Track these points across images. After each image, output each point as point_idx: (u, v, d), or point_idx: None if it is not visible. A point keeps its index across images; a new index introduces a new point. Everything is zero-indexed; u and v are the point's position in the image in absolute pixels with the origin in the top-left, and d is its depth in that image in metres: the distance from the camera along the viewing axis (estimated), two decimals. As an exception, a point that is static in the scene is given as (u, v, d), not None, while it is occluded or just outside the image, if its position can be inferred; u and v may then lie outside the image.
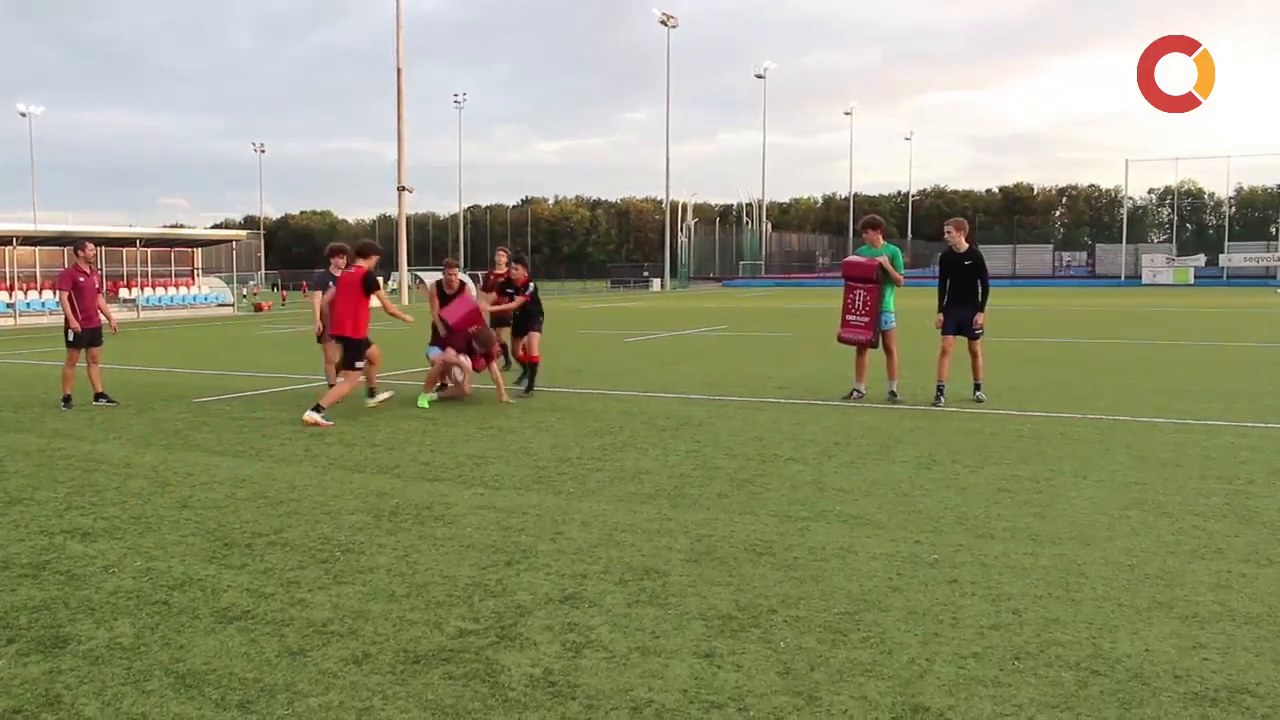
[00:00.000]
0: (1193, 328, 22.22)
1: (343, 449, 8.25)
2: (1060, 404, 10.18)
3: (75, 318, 11.09)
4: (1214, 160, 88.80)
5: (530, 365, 11.60)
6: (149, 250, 40.43)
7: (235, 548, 5.31)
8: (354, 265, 10.24)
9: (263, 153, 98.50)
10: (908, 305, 13.25)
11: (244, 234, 55.29)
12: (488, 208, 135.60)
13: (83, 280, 11.27)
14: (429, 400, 10.80)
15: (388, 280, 61.75)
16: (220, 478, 7.15)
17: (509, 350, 12.70)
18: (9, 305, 33.86)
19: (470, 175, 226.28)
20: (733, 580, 4.63)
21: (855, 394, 10.70)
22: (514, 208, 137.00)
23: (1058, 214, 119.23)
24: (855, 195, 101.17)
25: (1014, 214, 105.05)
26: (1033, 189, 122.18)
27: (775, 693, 3.41)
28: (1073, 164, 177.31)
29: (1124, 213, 73.86)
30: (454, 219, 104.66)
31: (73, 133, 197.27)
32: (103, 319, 11.50)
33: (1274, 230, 78.67)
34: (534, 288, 11.85)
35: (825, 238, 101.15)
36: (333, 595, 4.50)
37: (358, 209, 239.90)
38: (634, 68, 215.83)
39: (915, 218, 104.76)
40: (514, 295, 11.95)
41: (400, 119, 40.19)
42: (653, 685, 3.48)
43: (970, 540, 5.24)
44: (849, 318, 10.71)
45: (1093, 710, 3.24)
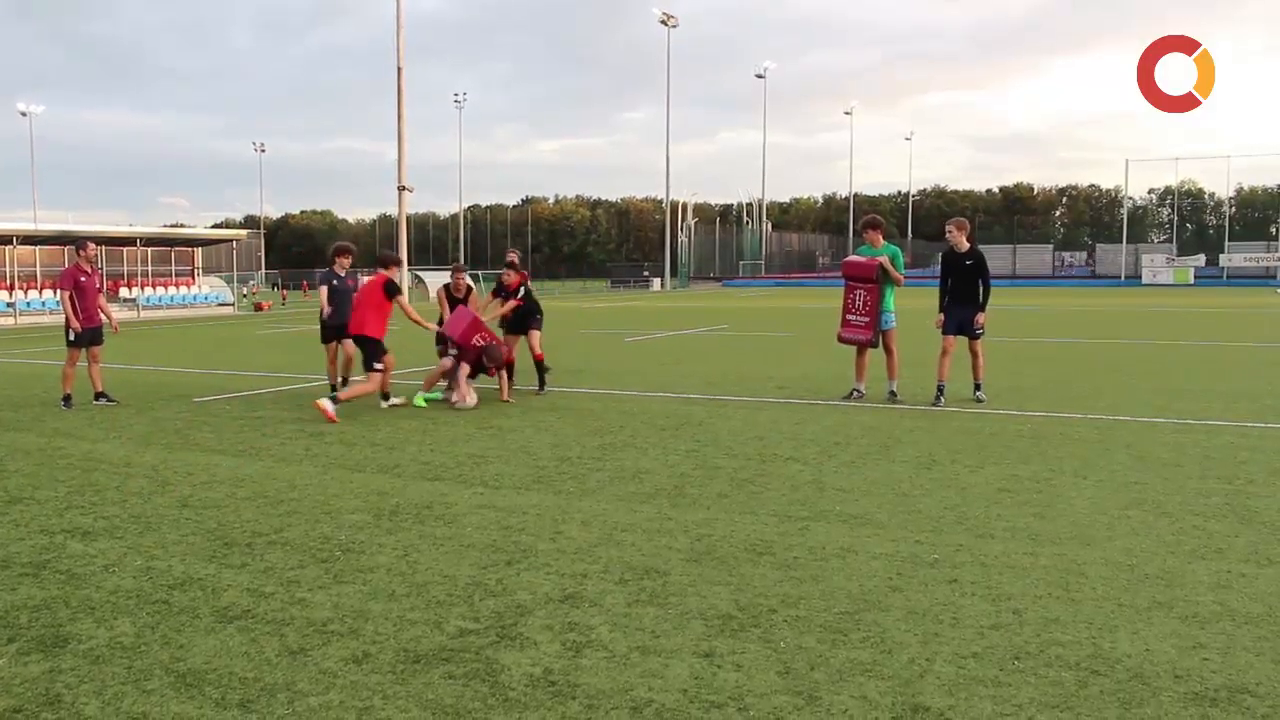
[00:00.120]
0: (1193, 328, 22.22)
1: (343, 448, 8.25)
2: (1060, 404, 10.18)
3: (76, 317, 11.09)
4: (1214, 160, 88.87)
5: (538, 364, 11.68)
6: (149, 250, 40.44)
7: (235, 547, 5.31)
8: (376, 273, 10.78)
9: (263, 152, 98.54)
10: (908, 305, 13.25)
11: (244, 233, 55.32)
12: (488, 207, 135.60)
13: (84, 280, 11.27)
14: (425, 399, 10.84)
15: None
16: (220, 477, 7.16)
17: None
18: (9, 304, 33.86)
19: (470, 175, 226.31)
20: (733, 580, 4.63)
21: (855, 394, 10.71)
22: (514, 207, 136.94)
23: (1058, 214, 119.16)
24: (855, 195, 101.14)
25: (1014, 214, 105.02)
26: (1033, 189, 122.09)
27: (775, 692, 3.41)
28: (1073, 164, 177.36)
29: (1124, 213, 73.87)
30: (454, 219, 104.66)
31: (73, 132, 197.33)
32: (103, 318, 11.50)
33: (1274, 230, 78.69)
34: (526, 291, 11.89)
35: (825, 238, 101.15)
36: (333, 595, 4.50)
37: (358, 209, 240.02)
38: (634, 67, 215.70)
39: (915, 218, 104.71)
40: (507, 299, 11.95)
41: (400, 118, 40.16)
42: (653, 685, 3.48)
43: (970, 540, 5.24)
44: (849, 317, 10.71)
45: (1093, 710, 3.24)
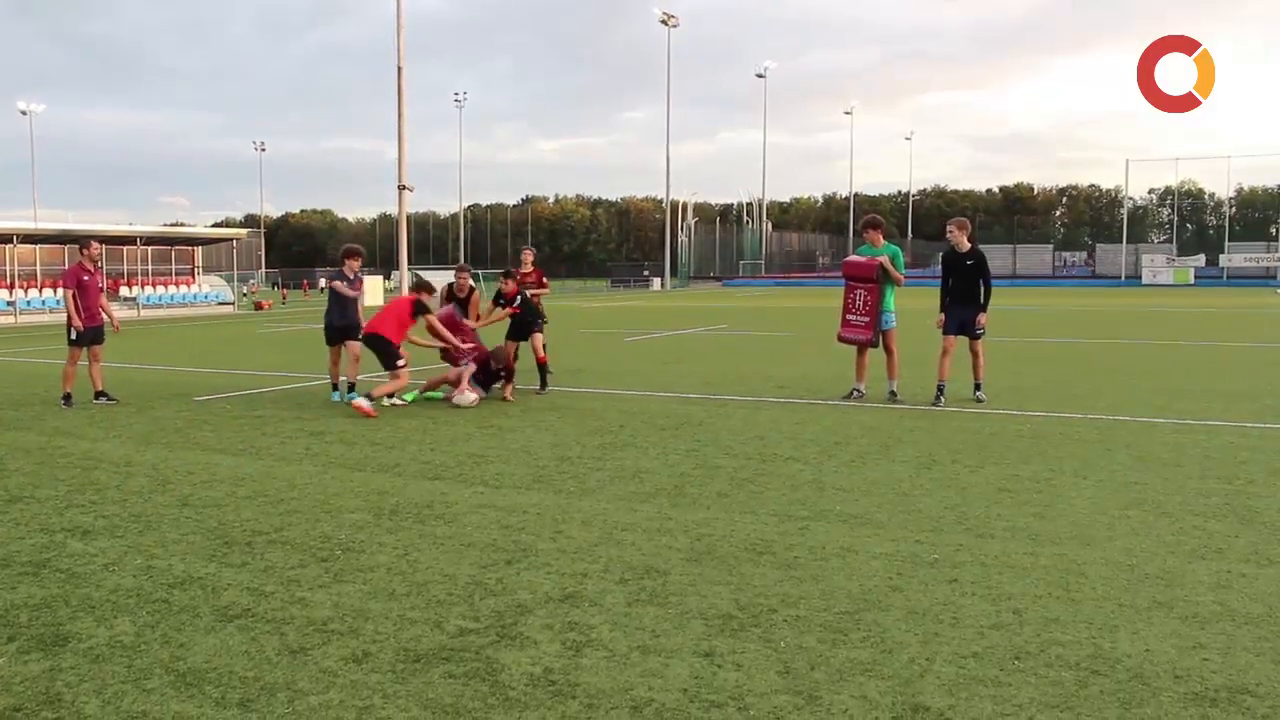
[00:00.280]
0: (1193, 328, 22.22)
1: (343, 447, 8.25)
2: (1060, 404, 10.18)
3: (78, 316, 11.09)
4: (1214, 160, 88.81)
5: (540, 365, 11.72)
6: (149, 248, 40.43)
7: (235, 546, 5.31)
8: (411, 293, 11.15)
9: (263, 151, 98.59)
10: (908, 305, 13.25)
11: (244, 232, 55.28)
12: (488, 206, 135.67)
13: (87, 279, 11.27)
14: (416, 396, 10.94)
15: (388, 279, 61.86)
16: (220, 476, 7.16)
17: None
18: (9, 303, 33.86)
19: (470, 174, 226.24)
20: (733, 579, 4.63)
21: (855, 393, 10.71)
22: (514, 207, 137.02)
23: (1058, 214, 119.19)
24: (855, 195, 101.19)
25: (1014, 214, 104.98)
26: (1033, 189, 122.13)
27: (775, 692, 3.41)
28: (1073, 164, 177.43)
29: (1124, 213, 73.87)
30: (454, 218, 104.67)
31: (73, 131, 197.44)
32: (104, 317, 11.50)
33: (1274, 231, 78.69)
34: (523, 299, 11.88)
35: (825, 237, 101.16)
36: (333, 594, 4.50)
37: (358, 208, 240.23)
38: (634, 67, 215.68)
39: (916, 217, 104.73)
40: (505, 306, 11.93)
41: (401, 118, 40.14)
42: (653, 684, 3.48)
43: (970, 540, 5.24)
44: (849, 317, 10.71)
45: (1093, 710, 3.24)
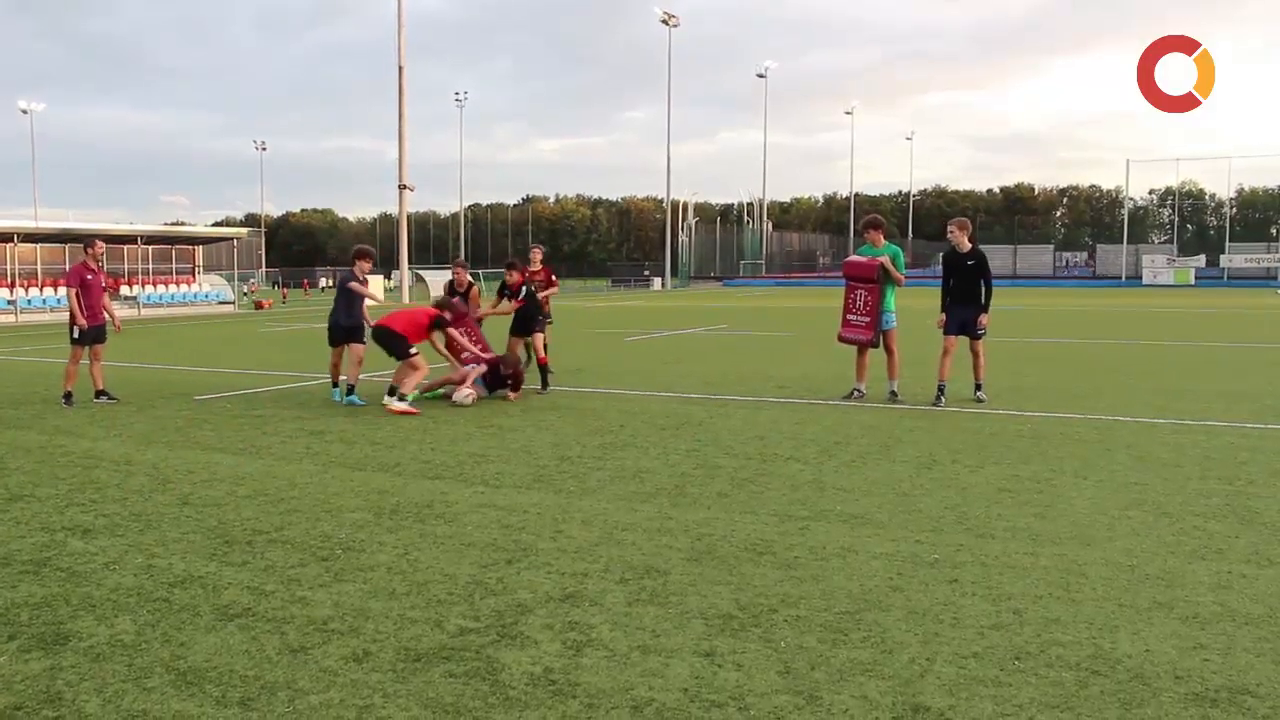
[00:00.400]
0: (1193, 328, 22.22)
1: (343, 447, 8.25)
2: (1060, 404, 10.18)
3: (81, 314, 11.10)
4: (1215, 161, 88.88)
5: (541, 365, 11.75)
6: (150, 247, 40.41)
7: (236, 545, 5.31)
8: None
9: (264, 150, 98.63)
10: (908, 305, 13.25)
11: (245, 232, 55.25)
12: (488, 206, 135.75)
13: (90, 278, 11.28)
14: (415, 395, 10.96)
15: (388, 278, 61.96)
16: (221, 475, 7.16)
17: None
18: (10, 302, 33.86)
19: (471, 174, 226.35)
20: (733, 579, 4.63)
21: (856, 393, 10.71)
22: (515, 206, 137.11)
23: (1058, 214, 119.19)
24: (856, 195, 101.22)
25: (1015, 214, 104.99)
26: (1033, 189, 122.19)
27: (776, 692, 3.41)
28: (1073, 164, 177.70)
29: (1125, 213, 73.89)
30: (455, 217, 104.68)
31: (73, 129, 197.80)
32: (106, 317, 11.50)
33: (1275, 231, 78.74)
34: (528, 292, 11.91)
35: (826, 237, 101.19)
36: (333, 593, 4.50)
37: (358, 207, 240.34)
38: (634, 66, 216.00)
39: (916, 217, 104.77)
40: (510, 298, 11.97)
41: (401, 117, 40.19)
42: (653, 684, 3.48)
43: (971, 540, 5.24)
44: (850, 317, 10.71)
45: (1093, 710, 3.24)
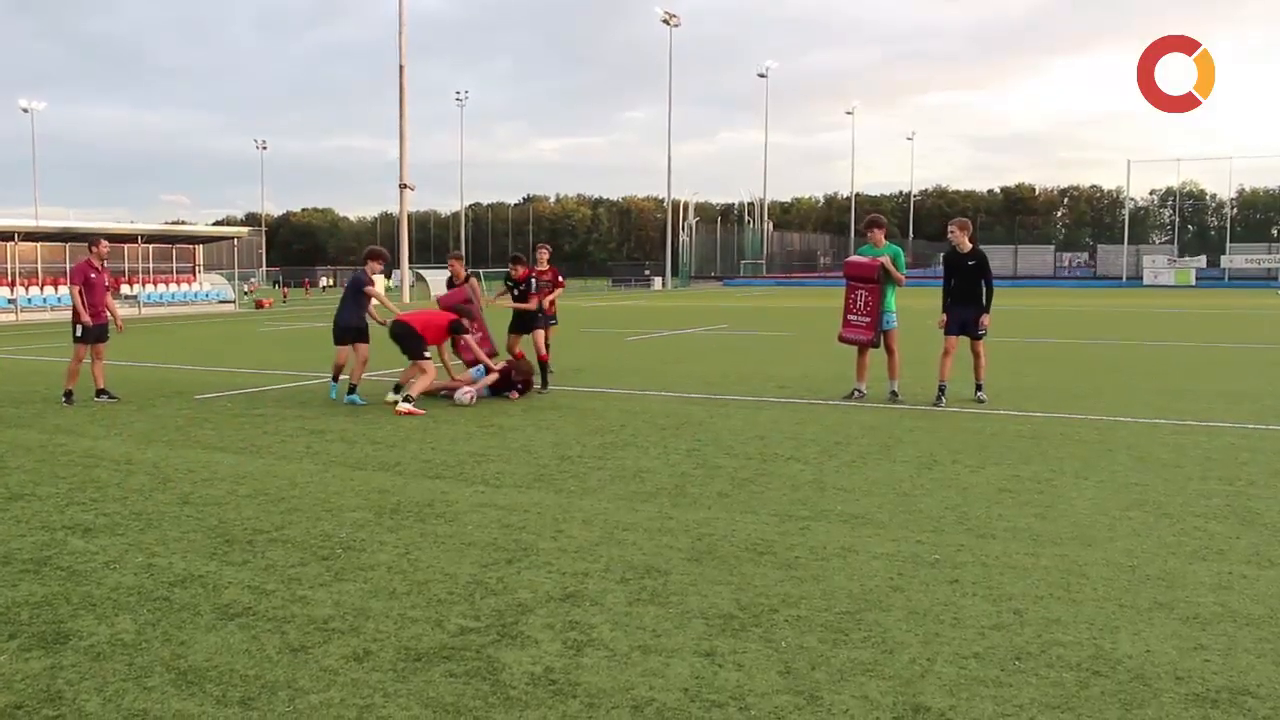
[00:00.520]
0: (1194, 329, 22.21)
1: (344, 446, 8.25)
2: (1061, 404, 10.17)
3: (85, 312, 11.10)
4: (1216, 161, 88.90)
5: (542, 364, 11.75)
6: (150, 247, 40.42)
7: (236, 544, 5.31)
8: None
9: (264, 150, 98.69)
10: (909, 305, 13.25)
11: (245, 231, 55.30)
12: (489, 206, 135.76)
13: (94, 276, 11.29)
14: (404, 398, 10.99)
15: (389, 277, 61.87)
16: (221, 474, 7.16)
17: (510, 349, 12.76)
18: (10, 301, 33.87)
19: (471, 173, 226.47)
20: (734, 579, 4.63)
21: (856, 393, 10.71)
22: (515, 206, 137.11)
23: (1059, 214, 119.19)
24: (857, 195, 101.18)
25: (1015, 214, 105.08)
26: (1034, 189, 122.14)
27: (776, 692, 3.41)
28: (1074, 164, 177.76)
29: (1125, 214, 73.90)
30: (455, 217, 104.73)
31: (74, 128, 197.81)
32: (109, 316, 11.51)
33: (1275, 232, 78.73)
34: (532, 283, 11.85)
35: (827, 237, 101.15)
36: (334, 592, 4.50)
37: (359, 206, 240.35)
38: (634, 66, 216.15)
39: (917, 217, 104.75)
40: (514, 288, 11.95)
41: (403, 116, 40.21)
42: (654, 684, 3.48)
43: (971, 540, 5.24)
44: (850, 318, 10.71)
45: (1094, 711, 3.24)
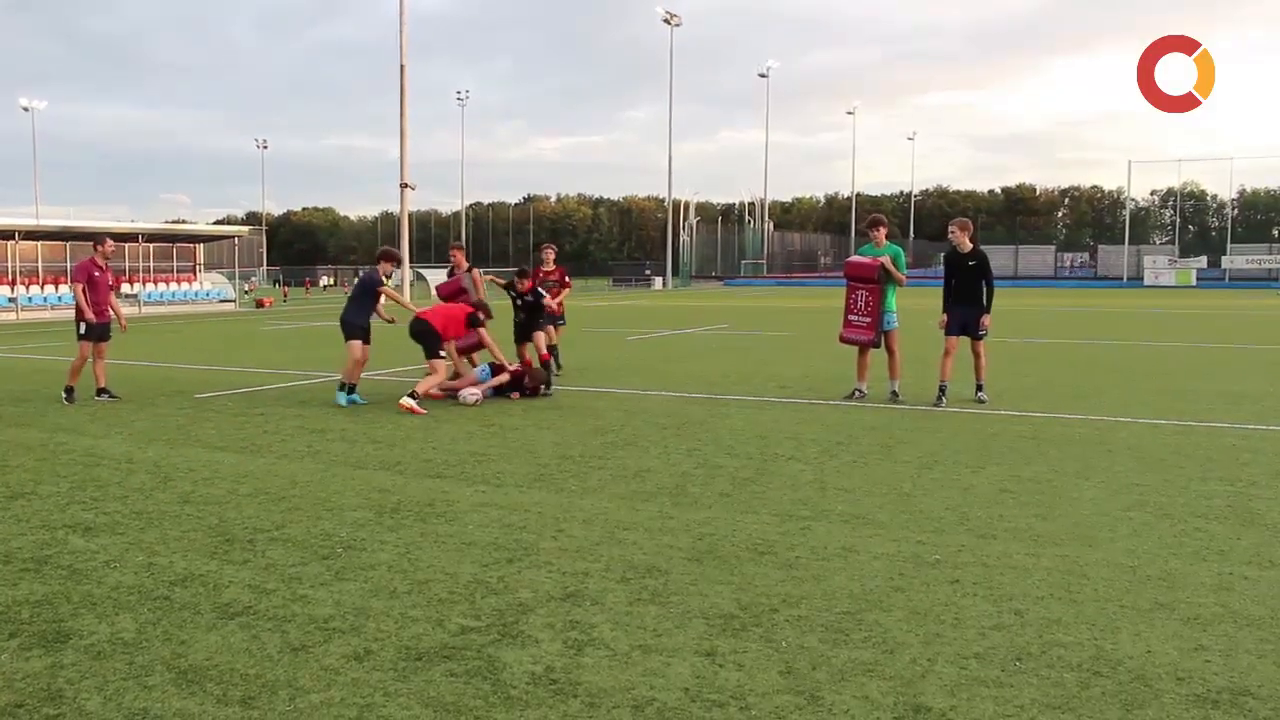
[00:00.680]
0: (1195, 329, 22.21)
1: (345, 445, 8.25)
2: (1062, 405, 10.17)
3: (88, 309, 11.10)
4: (1217, 162, 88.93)
5: (544, 364, 11.89)
6: (151, 245, 40.42)
7: (237, 543, 5.31)
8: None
9: (265, 149, 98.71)
10: (910, 305, 13.25)
11: (246, 230, 55.28)
12: (489, 205, 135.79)
13: (98, 275, 11.30)
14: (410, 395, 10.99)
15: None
16: (222, 473, 7.16)
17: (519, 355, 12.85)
18: (11, 300, 33.88)
19: (472, 172, 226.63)
20: (734, 579, 4.63)
21: (857, 394, 10.70)
22: (516, 205, 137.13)
23: (1060, 215, 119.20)
24: (857, 195, 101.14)
25: (1016, 215, 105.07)
26: (1035, 190, 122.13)
27: (777, 692, 3.41)
28: (1074, 164, 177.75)
29: (1126, 214, 73.94)
30: (456, 216, 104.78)
31: (74, 127, 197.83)
32: (112, 315, 11.51)
33: (1276, 232, 78.72)
34: (540, 294, 12.24)
35: (827, 237, 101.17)
36: (334, 592, 4.50)
37: (360, 205, 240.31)
38: (635, 65, 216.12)
39: (918, 217, 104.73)
40: (518, 299, 12.26)
41: (403, 116, 40.18)
42: (654, 684, 3.48)
43: (972, 540, 5.24)
44: (851, 318, 10.71)
45: (1095, 711, 3.24)
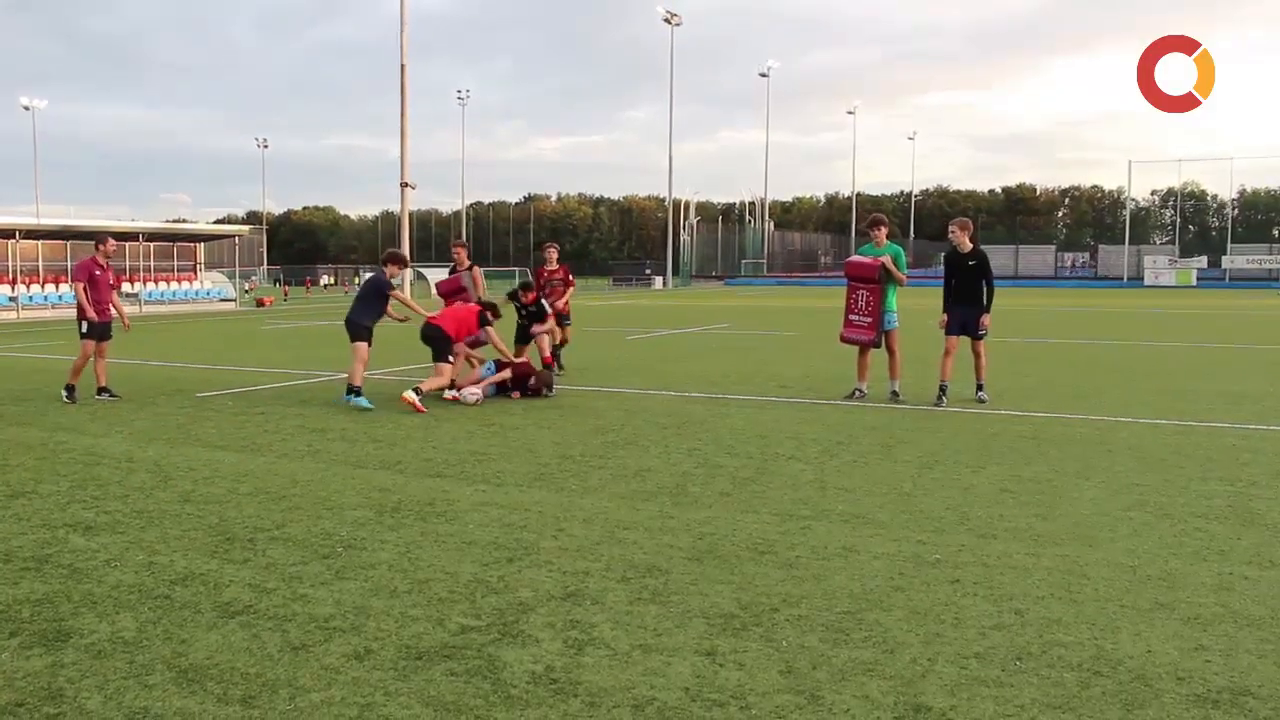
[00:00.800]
0: (1195, 329, 22.21)
1: (345, 445, 8.25)
2: (1062, 404, 10.17)
3: (90, 308, 11.10)
4: (1217, 162, 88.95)
5: (545, 366, 12.00)
6: (152, 245, 40.41)
7: (237, 543, 5.31)
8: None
9: (265, 148, 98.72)
10: (910, 304, 13.25)
11: (247, 229, 55.30)
12: (490, 204, 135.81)
13: (99, 274, 11.30)
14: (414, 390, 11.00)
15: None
16: (222, 472, 7.16)
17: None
18: (11, 299, 33.88)
19: (472, 172, 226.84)
20: (735, 579, 4.63)
21: (857, 393, 10.70)
22: (516, 205, 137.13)
23: (1060, 215, 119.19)
24: (858, 195, 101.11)
25: (1016, 214, 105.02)
26: (1035, 189, 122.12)
27: (777, 691, 3.41)
28: (1075, 164, 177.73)
29: (1127, 214, 73.94)
30: (457, 215, 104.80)
31: (74, 126, 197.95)
32: (114, 314, 11.51)
33: (1277, 232, 78.71)
34: (544, 305, 12.43)
35: (828, 237, 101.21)
36: (335, 591, 4.50)
37: (360, 205, 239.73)
38: (635, 65, 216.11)
39: (918, 217, 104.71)
40: (523, 310, 12.36)
41: (404, 115, 40.17)
42: (655, 683, 3.48)
43: (972, 540, 5.24)
44: (852, 318, 10.71)
45: (1095, 711, 3.24)
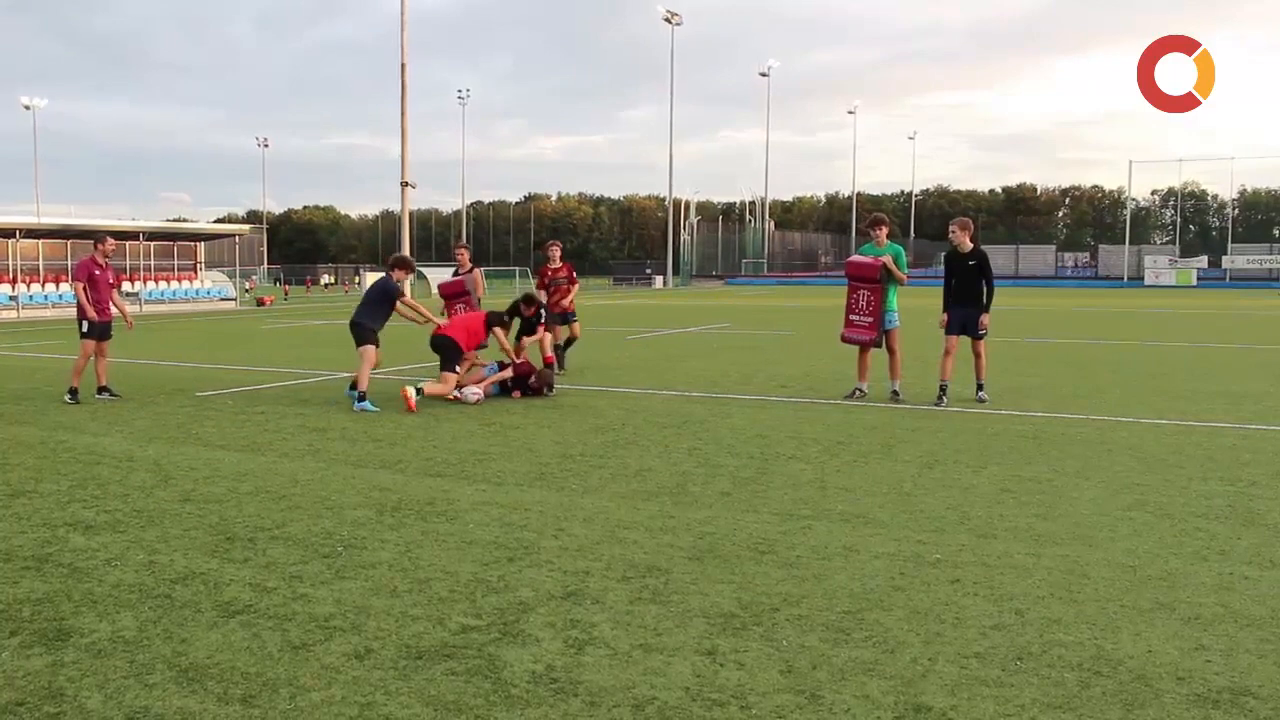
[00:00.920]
0: (1195, 329, 22.21)
1: (345, 444, 8.25)
2: (1062, 404, 10.17)
3: (90, 307, 11.10)
4: (1218, 162, 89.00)
5: (547, 366, 12.02)
6: (152, 244, 40.42)
7: (237, 542, 5.32)
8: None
9: (266, 147, 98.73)
10: (910, 304, 13.25)
11: (247, 228, 55.33)
12: (490, 204, 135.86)
13: (98, 273, 11.29)
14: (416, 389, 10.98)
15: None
16: (223, 472, 7.16)
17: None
18: (11, 298, 33.89)
19: (472, 171, 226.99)
20: (735, 578, 4.63)
21: (857, 393, 10.71)
22: (516, 204, 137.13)
23: (1060, 214, 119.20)
24: (858, 194, 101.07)
25: (1017, 214, 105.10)
26: (1035, 189, 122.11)
27: (777, 691, 3.41)
28: (1075, 164, 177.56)
29: (1127, 214, 73.94)
30: (457, 215, 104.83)
31: (75, 125, 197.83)
32: (115, 313, 11.51)
33: (1277, 232, 78.71)
34: (541, 315, 12.46)
35: (828, 236, 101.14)
36: (335, 590, 4.50)
37: (360, 204, 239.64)
38: (635, 64, 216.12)
39: (918, 217, 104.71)
40: (525, 320, 12.39)
41: (404, 114, 40.20)
42: (655, 683, 3.48)
43: (973, 540, 5.24)
44: (852, 317, 10.71)
45: (1095, 711, 3.24)
